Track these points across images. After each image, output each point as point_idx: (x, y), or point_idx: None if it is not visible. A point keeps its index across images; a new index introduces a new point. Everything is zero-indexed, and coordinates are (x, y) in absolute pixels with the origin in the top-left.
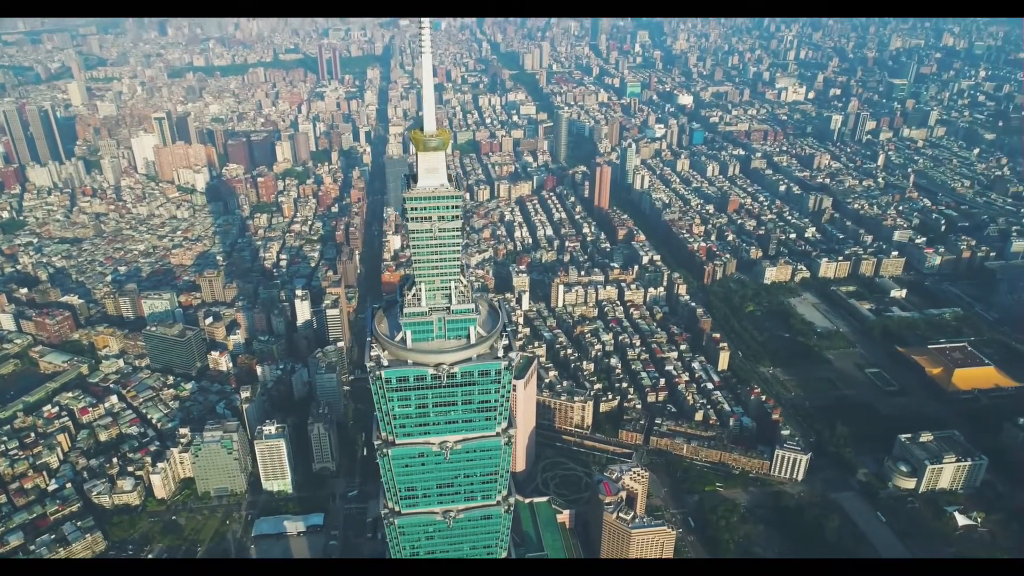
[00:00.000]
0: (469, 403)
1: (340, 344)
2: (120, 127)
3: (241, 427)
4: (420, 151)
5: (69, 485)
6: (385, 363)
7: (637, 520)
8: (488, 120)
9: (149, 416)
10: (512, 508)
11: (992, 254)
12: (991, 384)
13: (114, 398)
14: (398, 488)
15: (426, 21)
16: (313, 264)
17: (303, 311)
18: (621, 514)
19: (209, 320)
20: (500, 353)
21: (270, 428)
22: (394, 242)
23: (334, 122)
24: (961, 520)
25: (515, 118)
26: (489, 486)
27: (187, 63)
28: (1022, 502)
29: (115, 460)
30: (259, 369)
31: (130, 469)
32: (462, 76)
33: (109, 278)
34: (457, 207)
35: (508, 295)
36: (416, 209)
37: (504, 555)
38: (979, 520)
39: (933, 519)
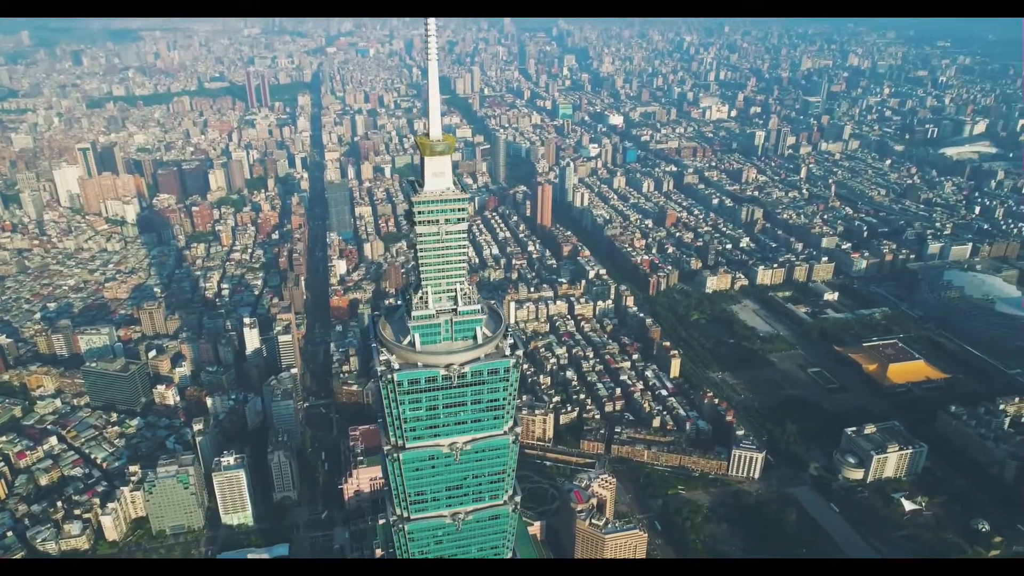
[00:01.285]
0: (478, 402)
1: (293, 371)
2: (39, 159)
3: (196, 460)
4: (427, 155)
5: (10, 533)
6: (396, 366)
7: (609, 525)
8: None
9: (93, 456)
10: (518, 507)
11: (912, 256)
12: (922, 377)
13: (53, 439)
14: (408, 493)
15: (432, 25)
16: (257, 292)
17: (252, 339)
18: (594, 520)
19: (152, 353)
20: (507, 352)
21: (228, 459)
22: (340, 267)
23: (267, 149)
24: (908, 505)
25: None
26: (497, 485)
27: (106, 93)
28: (960, 485)
29: (59, 504)
30: (209, 401)
31: (77, 512)
32: (395, 101)
33: (38, 315)
34: (463, 209)
35: None
36: (424, 212)
37: (509, 555)
38: (923, 504)
39: (882, 506)
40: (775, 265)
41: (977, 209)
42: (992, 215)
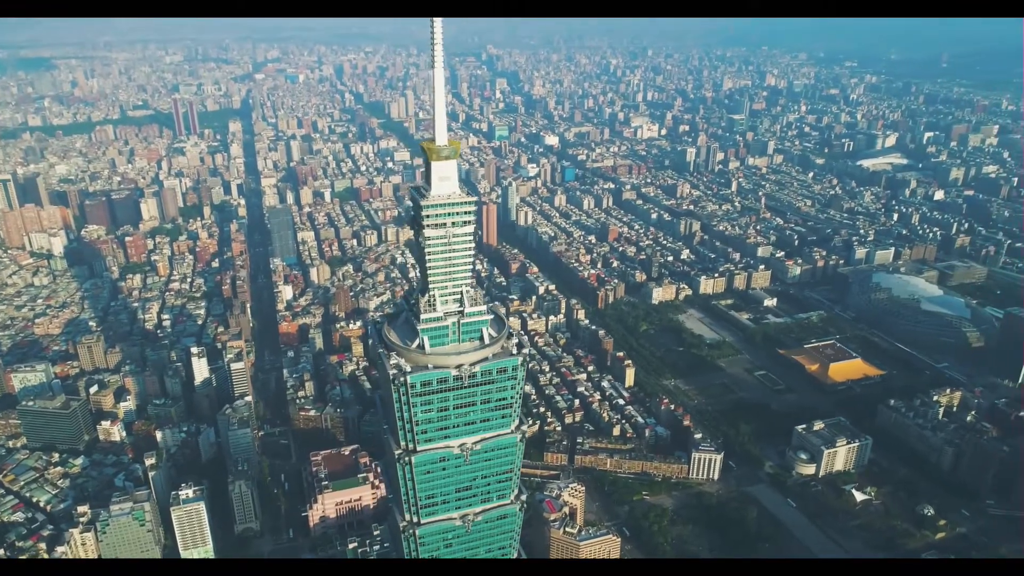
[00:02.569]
0: (487, 402)
1: (247, 398)
2: None
3: (151, 496)
4: (434, 160)
5: None
6: (407, 369)
7: (583, 532)
8: (363, 167)
9: (35, 499)
10: (525, 505)
11: (841, 262)
12: (860, 374)
13: None
14: (418, 497)
15: (438, 32)
16: (201, 321)
17: (201, 369)
18: (567, 529)
19: (94, 389)
20: (514, 351)
21: (187, 492)
22: (286, 292)
23: (200, 177)
24: (859, 496)
25: (390, 164)
26: (504, 485)
27: (21, 123)
28: (904, 474)
29: (1, 551)
30: (159, 434)
31: (22, 559)
32: (329, 126)
33: None
34: (470, 212)
35: None
36: (432, 216)
37: (515, 555)
38: (873, 494)
39: (835, 498)
40: (716, 275)
41: (895, 216)
42: (909, 221)
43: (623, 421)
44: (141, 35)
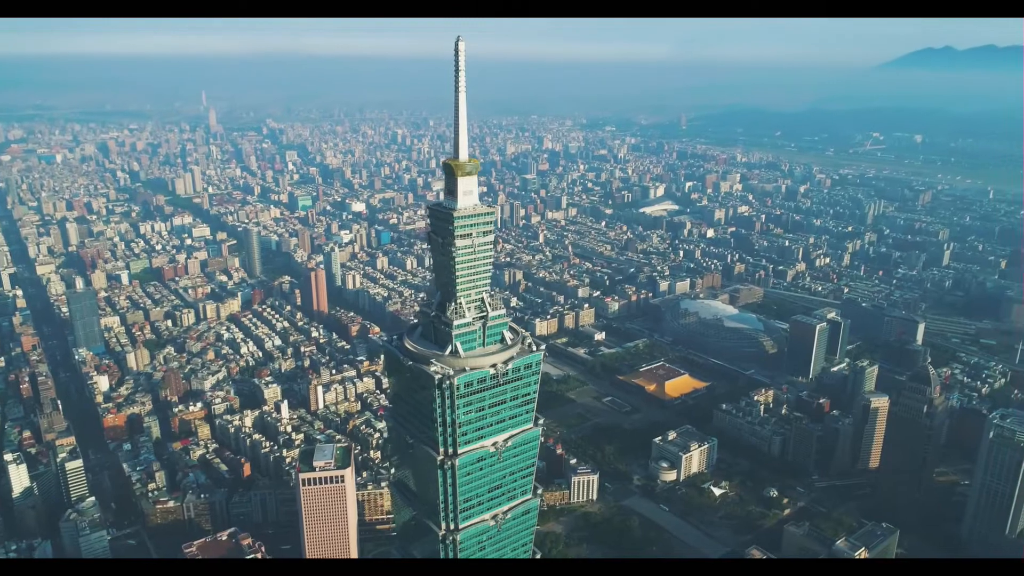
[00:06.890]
0: (515, 398)
1: (91, 499)
2: None
3: None
4: (459, 176)
5: None
6: (451, 372)
7: None
8: (159, 246)
9: None
10: (542, 498)
11: (650, 295)
12: (691, 388)
13: None
14: (458, 501)
15: (462, 59)
16: None
17: (20, 478)
18: None
19: None
20: (533, 348)
21: None
22: (102, 383)
23: None
24: (717, 491)
25: (189, 241)
26: (527, 480)
27: None
28: (745, 466)
29: None
30: None
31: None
32: (106, 207)
33: None
34: (490, 223)
35: (265, 407)
36: (460, 227)
37: (531, 552)
38: (727, 487)
39: (699, 497)
40: (548, 316)
41: (681, 253)
42: (693, 256)
43: None
44: None
